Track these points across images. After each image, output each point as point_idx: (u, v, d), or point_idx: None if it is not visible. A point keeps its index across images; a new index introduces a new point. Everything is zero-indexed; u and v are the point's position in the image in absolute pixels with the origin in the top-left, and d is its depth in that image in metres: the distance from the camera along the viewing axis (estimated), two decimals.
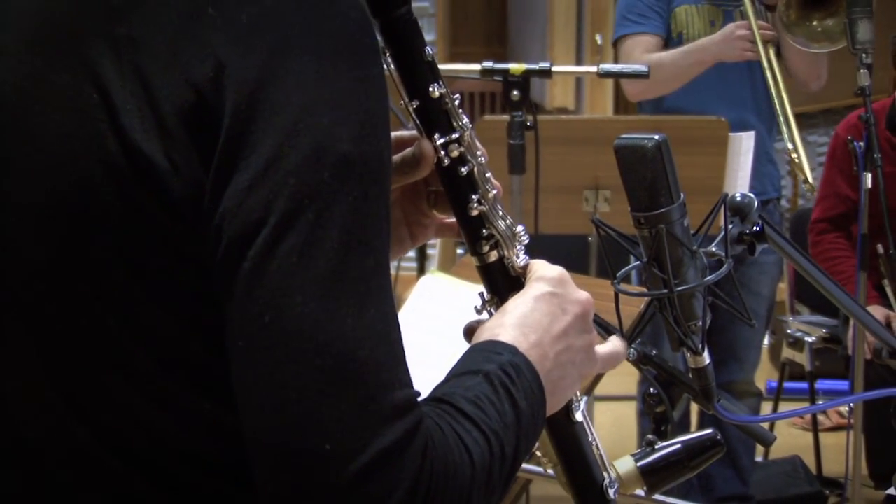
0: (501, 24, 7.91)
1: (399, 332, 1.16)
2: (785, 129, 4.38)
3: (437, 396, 1.22)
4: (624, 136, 1.58)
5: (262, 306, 1.10)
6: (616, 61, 4.72)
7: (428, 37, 7.75)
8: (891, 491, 1.73)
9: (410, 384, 1.15)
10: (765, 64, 4.41)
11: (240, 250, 1.10)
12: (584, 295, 1.41)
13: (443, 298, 2.63)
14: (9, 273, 1.23)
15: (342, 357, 1.10)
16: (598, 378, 2.52)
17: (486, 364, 1.26)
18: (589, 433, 1.50)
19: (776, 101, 4.41)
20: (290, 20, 1.14)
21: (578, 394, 1.47)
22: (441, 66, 1.41)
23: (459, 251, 5.83)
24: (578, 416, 1.48)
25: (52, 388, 1.22)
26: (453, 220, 1.46)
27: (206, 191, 1.12)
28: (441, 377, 1.28)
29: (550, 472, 1.55)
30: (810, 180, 4.33)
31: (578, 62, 7.26)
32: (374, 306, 1.13)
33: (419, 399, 1.17)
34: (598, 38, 6.55)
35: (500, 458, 1.21)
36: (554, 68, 3.68)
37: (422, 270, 5.40)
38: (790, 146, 4.34)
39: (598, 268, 4.23)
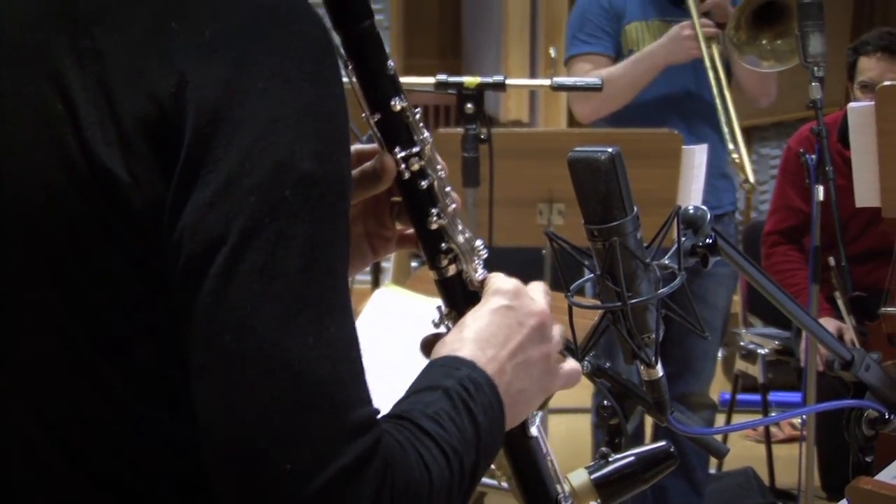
0: (456, 37, 7.92)
1: (359, 351, 1.16)
2: (727, 130, 4.39)
3: (398, 413, 1.22)
4: (578, 148, 1.59)
5: (221, 326, 1.10)
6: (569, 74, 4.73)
7: None
8: (843, 502, 1.74)
9: (370, 402, 1.15)
10: (707, 63, 4.43)
11: (200, 268, 1.10)
12: (540, 306, 1.41)
13: (397, 312, 2.63)
14: None
15: (302, 376, 1.10)
16: None
17: (446, 380, 1.26)
18: (544, 447, 1.50)
19: (718, 101, 4.42)
20: (253, 37, 1.14)
21: (534, 411, 1.47)
22: None
23: (414, 264, 5.83)
24: (534, 431, 1.48)
25: (16, 398, 1.22)
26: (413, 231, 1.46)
27: (167, 206, 1.12)
28: (395, 390, 1.28)
29: (505, 485, 1.55)
30: (751, 180, 4.35)
31: (532, 75, 7.27)
32: (334, 325, 1.13)
33: (380, 416, 1.17)
34: (552, 51, 6.57)
35: (460, 474, 1.21)
36: (508, 81, 3.69)
37: (376, 283, 5.39)
38: (731, 146, 4.37)
39: (552, 280, 4.23)
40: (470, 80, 3.61)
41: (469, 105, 3.60)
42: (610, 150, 1.56)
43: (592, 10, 4.73)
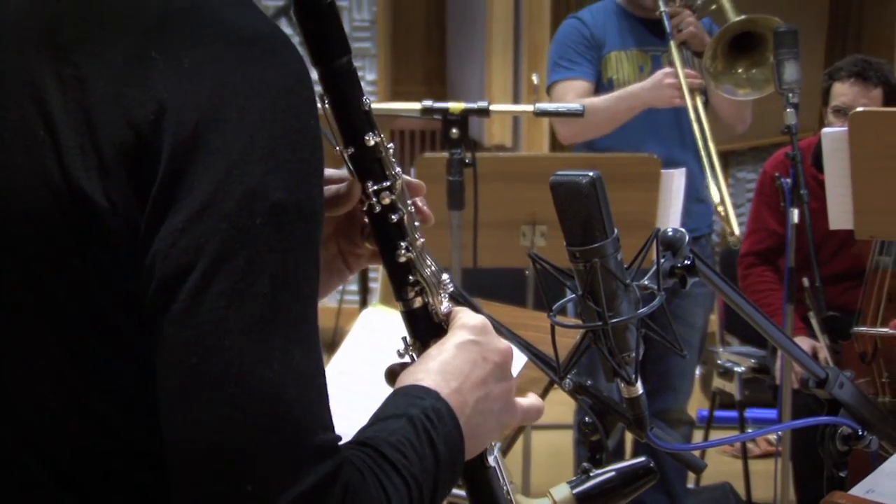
0: (441, 64, 7.93)
1: (323, 376, 1.16)
2: (713, 182, 4.39)
3: (361, 440, 1.22)
4: (560, 172, 1.59)
5: (190, 348, 1.10)
6: (552, 100, 4.73)
7: (370, 76, 7.77)
8: None
9: (332, 428, 1.15)
10: (692, 115, 4.44)
11: (170, 291, 1.10)
12: (504, 344, 1.42)
13: (385, 330, 2.62)
14: None
15: (267, 400, 1.10)
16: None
17: (410, 408, 1.27)
18: (501, 478, 1.50)
19: (702, 150, 4.43)
20: (231, 68, 1.14)
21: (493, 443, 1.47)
22: (383, 105, 1.42)
23: None
24: (491, 462, 1.48)
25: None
26: None
27: (141, 230, 1.12)
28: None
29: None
30: (736, 233, 4.35)
31: (515, 101, 7.28)
32: (300, 351, 1.13)
33: (343, 442, 1.17)
34: (535, 78, 6.56)
35: (419, 501, 1.21)
36: (491, 107, 3.70)
37: (364, 303, 5.40)
38: (717, 199, 4.37)
39: (534, 300, 4.23)
40: (455, 105, 3.61)
41: (454, 130, 3.61)
42: (591, 174, 1.56)
43: (573, 38, 4.74)
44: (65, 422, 1.19)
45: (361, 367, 2.50)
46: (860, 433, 1.91)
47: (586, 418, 2.08)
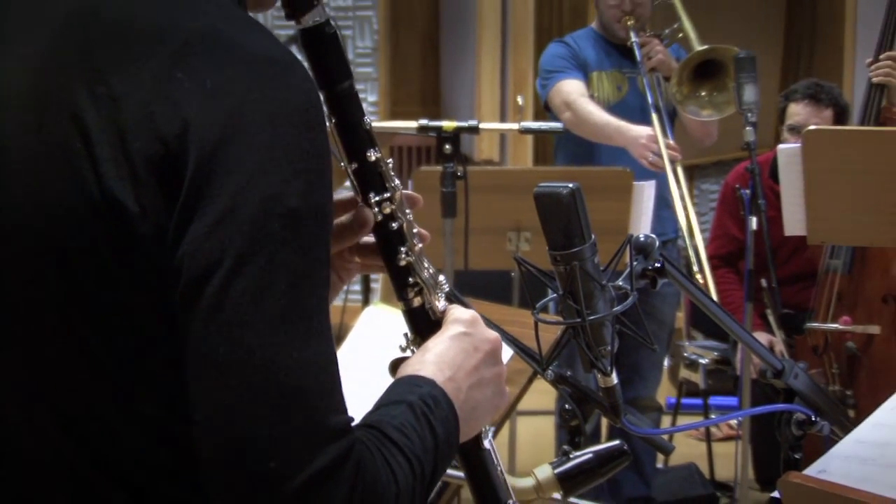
0: (436, 87, 7.92)
1: (336, 364, 1.16)
2: (687, 237, 4.42)
3: (368, 423, 1.22)
4: (542, 184, 1.58)
5: (215, 339, 1.10)
6: (551, 103, 4.72)
7: (371, 97, 7.76)
8: (775, 494, 1.74)
9: (345, 410, 1.15)
10: (672, 182, 4.44)
11: (198, 289, 1.10)
12: (493, 334, 1.42)
13: (385, 327, 2.62)
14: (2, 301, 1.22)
15: (287, 387, 1.10)
16: (520, 395, 2.52)
17: (410, 395, 1.27)
18: (495, 459, 1.50)
19: (682, 220, 4.45)
20: (248, 88, 1.13)
21: (487, 426, 1.47)
22: (383, 123, 1.42)
23: None
24: (486, 444, 1.48)
25: (41, 402, 1.21)
26: (375, 261, 1.47)
27: (170, 233, 1.12)
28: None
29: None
30: (708, 278, 4.37)
31: (502, 120, 7.27)
32: (315, 341, 1.13)
33: (353, 424, 1.17)
34: (520, 100, 6.55)
35: (421, 477, 1.22)
36: (481, 125, 3.70)
37: (366, 301, 5.39)
38: (691, 253, 4.39)
39: (519, 299, 4.23)
40: (448, 124, 3.62)
41: (447, 146, 3.61)
42: (571, 185, 1.56)
43: (562, 53, 4.76)
44: (99, 408, 1.19)
45: (364, 359, 2.49)
46: (813, 419, 1.91)
47: (566, 405, 2.07)
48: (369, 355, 2.52)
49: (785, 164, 4.12)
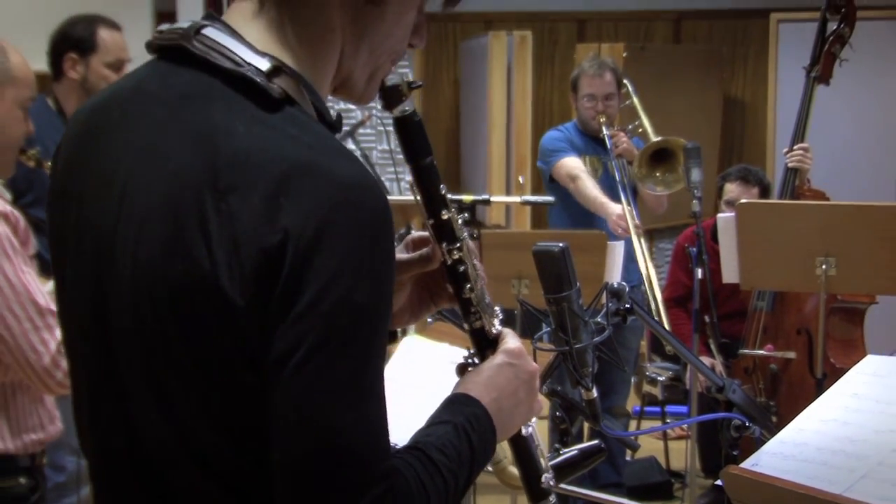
0: (456, 169, 7.95)
1: (386, 421, 1.15)
2: (648, 285, 4.44)
3: (415, 444, 1.21)
4: (539, 243, 1.58)
5: (293, 404, 1.10)
6: (556, 176, 4.72)
7: (409, 177, 7.76)
8: (718, 482, 1.72)
9: (388, 457, 1.14)
10: (636, 243, 4.46)
11: (282, 364, 1.10)
12: (533, 366, 1.40)
13: (420, 354, 2.60)
14: (139, 348, 1.20)
15: (344, 444, 1.10)
16: None
17: (457, 416, 1.26)
18: (536, 440, 1.49)
19: (644, 271, 4.47)
20: (334, 208, 1.11)
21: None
22: (418, 197, 1.40)
23: (429, 320, 5.80)
24: (524, 432, 1.45)
25: (171, 436, 1.19)
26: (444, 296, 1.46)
27: (266, 322, 1.11)
28: (418, 418, 1.28)
29: (490, 469, 1.53)
30: (664, 316, 4.41)
31: (507, 194, 7.27)
32: (366, 406, 1.13)
33: (400, 447, 1.18)
34: (521, 179, 6.58)
35: (454, 485, 1.21)
36: (491, 198, 3.71)
37: (404, 332, 5.37)
38: (651, 296, 4.43)
39: (521, 330, 4.21)
40: (466, 197, 3.62)
41: (465, 214, 3.61)
42: (561, 244, 1.56)
43: (561, 137, 4.81)
44: (207, 434, 1.17)
45: (402, 381, 2.47)
46: (747, 424, 1.90)
47: (557, 413, 2.06)
48: (407, 378, 2.50)
49: (723, 228, 4.13)
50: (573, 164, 4.66)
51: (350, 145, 4.78)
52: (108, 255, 1.20)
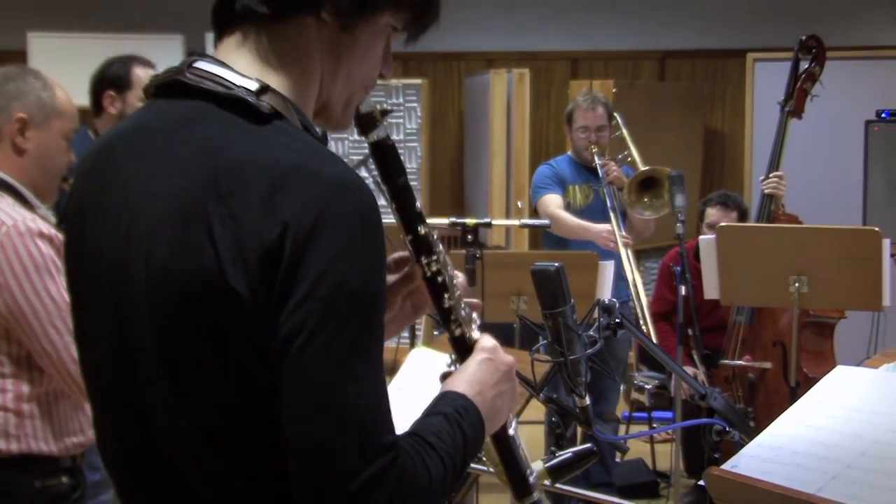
0: (460, 194, 7.95)
1: (386, 396, 1.15)
2: (636, 301, 4.48)
3: (413, 431, 1.22)
4: (537, 263, 1.58)
5: (298, 382, 1.11)
6: (538, 210, 4.75)
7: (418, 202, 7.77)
8: (700, 482, 1.72)
9: (392, 430, 1.14)
10: (625, 262, 4.46)
11: (286, 346, 1.11)
12: (509, 358, 1.40)
13: (427, 364, 2.59)
14: (156, 350, 1.20)
15: (350, 416, 1.11)
16: (520, 411, 2.49)
17: (447, 408, 1.26)
18: (518, 441, 1.48)
19: (632, 288, 4.48)
20: (328, 203, 1.13)
21: (511, 417, 1.45)
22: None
23: (436, 332, 5.80)
24: (510, 431, 1.45)
25: (188, 421, 1.19)
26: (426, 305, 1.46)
27: (270, 310, 1.12)
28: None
29: (493, 470, 1.52)
30: (651, 329, 4.43)
31: (507, 217, 7.27)
32: (370, 383, 1.13)
33: (401, 433, 1.17)
34: (520, 204, 6.59)
35: (452, 470, 1.21)
36: (493, 222, 3.73)
37: (412, 344, 5.37)
38: (639, 311, 4.41)
39: (520, 343, 4.21)
40: (470, 220, 3.64)
41: (469, 236, 3.63)
42: (556, 264, 1.56)
43: (548, 174, 4.79)
44: (225, 425, 1.17)
45: (411, 389, 2.47)
46: (727, 429, 1.89)
47: (553, 418, 2.05)
48: (415, 386, 2.49)
49: (704, 249, 4.12)
50: (550, 202, 4.67)
51: (363, 173, 4.78)
52: (122, 270, 1.22)
